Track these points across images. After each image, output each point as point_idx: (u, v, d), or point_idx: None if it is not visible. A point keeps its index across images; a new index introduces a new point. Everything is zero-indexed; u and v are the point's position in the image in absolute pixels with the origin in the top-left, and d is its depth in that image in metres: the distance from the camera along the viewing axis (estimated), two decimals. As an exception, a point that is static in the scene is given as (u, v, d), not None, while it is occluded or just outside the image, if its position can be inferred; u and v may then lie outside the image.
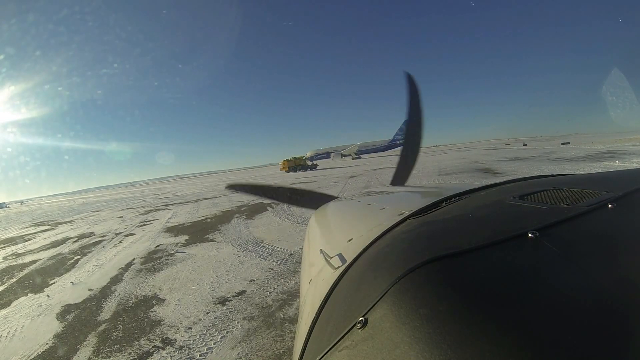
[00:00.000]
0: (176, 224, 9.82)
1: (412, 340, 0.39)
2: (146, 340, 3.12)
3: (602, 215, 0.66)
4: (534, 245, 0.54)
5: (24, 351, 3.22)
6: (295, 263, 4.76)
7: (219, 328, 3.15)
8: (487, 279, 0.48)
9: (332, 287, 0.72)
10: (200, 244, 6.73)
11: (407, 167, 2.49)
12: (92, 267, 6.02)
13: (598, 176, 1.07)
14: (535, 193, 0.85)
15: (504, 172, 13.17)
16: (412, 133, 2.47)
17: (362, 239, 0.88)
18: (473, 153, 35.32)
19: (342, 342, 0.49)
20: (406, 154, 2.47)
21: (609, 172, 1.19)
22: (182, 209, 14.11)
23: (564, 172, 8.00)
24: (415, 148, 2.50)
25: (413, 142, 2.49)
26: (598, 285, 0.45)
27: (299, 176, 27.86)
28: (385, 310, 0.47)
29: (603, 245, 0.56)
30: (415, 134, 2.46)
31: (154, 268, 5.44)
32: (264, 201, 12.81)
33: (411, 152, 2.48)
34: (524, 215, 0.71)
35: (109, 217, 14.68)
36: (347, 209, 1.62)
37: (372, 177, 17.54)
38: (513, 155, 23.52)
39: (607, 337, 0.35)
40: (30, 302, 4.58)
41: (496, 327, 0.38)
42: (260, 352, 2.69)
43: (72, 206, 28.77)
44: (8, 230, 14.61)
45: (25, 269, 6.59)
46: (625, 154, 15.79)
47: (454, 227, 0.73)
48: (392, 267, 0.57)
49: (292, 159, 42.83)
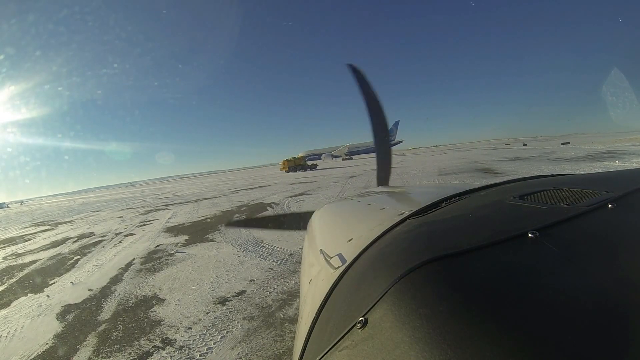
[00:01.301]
0: (176, 224, 9.81)
1: (412, 340, 0.39)
2: (146, 340, 3.12)
3: (602, 215, 0.66)
4: (534, 245, 0.54)
5: (23, 351, 3.22)
6: (295, 263, 4.76)
7: (218, 328, 3.15)
8: (487, 279, 0.48)
9: (332, 287, 0.72)
10: (200, 244, 6.72)
11: (386, 164, 2.46)
12: (92, 267, 6.01)
13: (598, 176, 1.07)
14: (535, 193, 0.85)
15: (504, 172, 13.18)
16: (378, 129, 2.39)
17: (362, 239, 0.88)
18: (473, 153, 35.33)
19: (342, 342, 0.49)
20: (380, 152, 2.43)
21: (609, 172, 1.19)
22: (182, 209, 14.10)
23: (564, 172, 8.00)
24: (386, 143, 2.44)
25: (383, 139, 2.43)
26: (598, 285, 0.45)
27: (299, 176, 27.85)
28: (385, 310, 0.47)
29: (603, 245, 0.56)
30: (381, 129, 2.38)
31: (153, 268, 5.43)
32: (264, 201, 12.82)
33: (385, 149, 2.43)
34: (524, 215, 0.71)
35: (108, 217, 14.68)
36: (347, 209, 1.62)
37: (372, 177, 17.53)
38: (513, 155, 23.53)
39: (607, 337, 0.35)
40: (30, 302, 4.57)
41: (496, 327, 0.38)
42: (260, 352, 2.69)
43: (72, 206, 28.76)
44: (8, 231, 14.60)
45: (25, 269, 6.58)
46: (625, 154, 15.79)
47: (454, 227, 0.73)
48: (392, 267, 0.57)
49: (291, 159, 42.96)
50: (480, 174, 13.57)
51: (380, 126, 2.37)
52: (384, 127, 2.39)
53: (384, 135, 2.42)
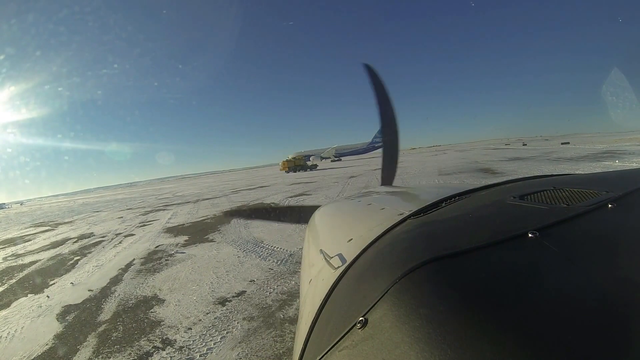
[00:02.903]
0: (176, 225, 9.81)
1: (412, 340, 0.39)
2: (146, 340, 3.12)
3: (602, 215, 0.66)
4: (534, 245, 0.54)
5: (24, 352, 3.22)
6: (295, 263, 4.75)
7: (218, 328, 3.15)
8: (487, 279, 0.48)
9: (332, 287, 0.72)
10: (200, 245, 6.72)
11: (392, 164, 2.47)
12: (92, 268, 6.01)
13: (598, 176, 1.06)
14: (535, 193, 0.85)
15: (504, 172, 13.18)
16: (387, 129, 2.40)
17: (362, 239, 0.88)
18: (473, 153, 35.34)
19: (342, 342, 0.49)
20: (387, 152, 2.43)
21: (609, 172, 1.19)
22: (182, 209, 14.10)
23: (564, 172, 8.01)
24: (395, 143, 2.45)
25: (391, 139, 2.44)
26: (598, 285, 0.45)
27: (299, 176, 27.85)
28: (385, 310, 0.47)
29: (603, 245, 0.56)
30: (391, 129, 2.39)
31: (153, 268, 5.43)
32: (264, 201, 12.82)
33: (392, 149, 2.44)
34: (524, 215, 0.71)
35: (108, 218, 14.68)
36: (347, 209, 1.62)
37: (372, 177, 17.53)
38: (513, 155, 23.53)
39: (607, 337, 0.35)
40: (30, 303, 4.57)
41: (496, 327, 0.38)
42: (260, 353, 2.69)
43: (72, 207, 28.77)
44: (8, 231, 14.60)
45: (25, 269, 6.58)
46: (625, 154, 15.79)
47: (454, 227, 0.73)
48: (392, 267, 0.57)
49: (291, 159, 43.01)
50: (480, 174, 13.57)
51: (390, 127, 2.38)
52: (394, 128, 2.39)
53: (393, 136, 2.42)
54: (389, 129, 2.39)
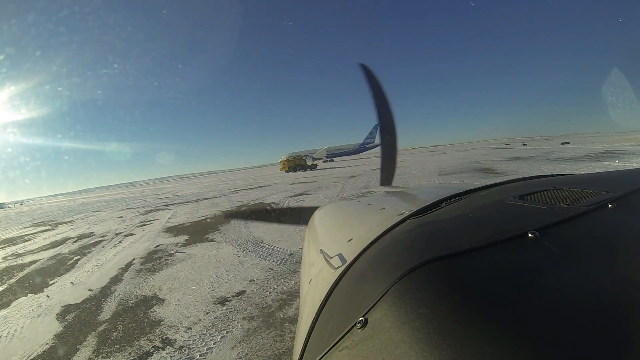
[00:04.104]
0: (176, 224, 9.81)
1: (412, 340, 0.39)
2: (146, 340, 3.12)
3: (602, 215, 0.66)
4: (534, 246, 0.54)
5: (23, 351, 3.22)
6: (295, 263, 4.76)
7: (218, 328, 3.15)
8: (487, 279, 0.48)
9: (332, 287, 0.72)
10: (200, 244, 6.73)
11: (391, 164, 2.47)
12: (92, 267, 6.01)
13: (598, 176, 1.06)
14: (535, 193, 0.85)
15: (504, 172, 13.17)
16: (386, 130, 2.40)
17: (362, 239, 0.88)
18: (473, 153, 35.32)
19: (342, 342, 0.49)
20: (386, 152, 2.44)
21: (609, 172, 1.19)
22: (181, 209, 14.10)
23: (564, 172, 8.01)
24: (393, 144, 2.46)
25: (389, 139, 2.44)
26: (598, 285, 0.45)
27: (299, 176, 27.84)
28: (385, 310, 0.47)
29: (603, 245, 0.56)
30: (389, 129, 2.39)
31: (153, 268, 5.44)
32: (264, 201, 12.82)
33: (391, 149, 2.44)
34: (524, 215, 0.71)
35: (108, 217, 14.68)
36: (347, 209, 1.62)
37: (371, 177, 17.53)
38: (513, 155, 23.53)
39: (607, 337, 0.35)
40: (30, 303, 4.58)
41: (496, 327, 0.38)
42: (260, 352, 2.69)
43: (72, 206, 28.76)
44: (8, 231, 14.60)
45: (25, 269, 6.58)
46: (625, 154, 15.79)
47: (454, 227, 0.73)
48: (392, 267, 0.57)
49: (291, 159, 42.98)
50: (480, 174, 13.57)
51: (388, 127, 2.37)
52: (392, 128, 2.39)
53: (392, 136, 2.42)
54: (387, 129, 2.39)
